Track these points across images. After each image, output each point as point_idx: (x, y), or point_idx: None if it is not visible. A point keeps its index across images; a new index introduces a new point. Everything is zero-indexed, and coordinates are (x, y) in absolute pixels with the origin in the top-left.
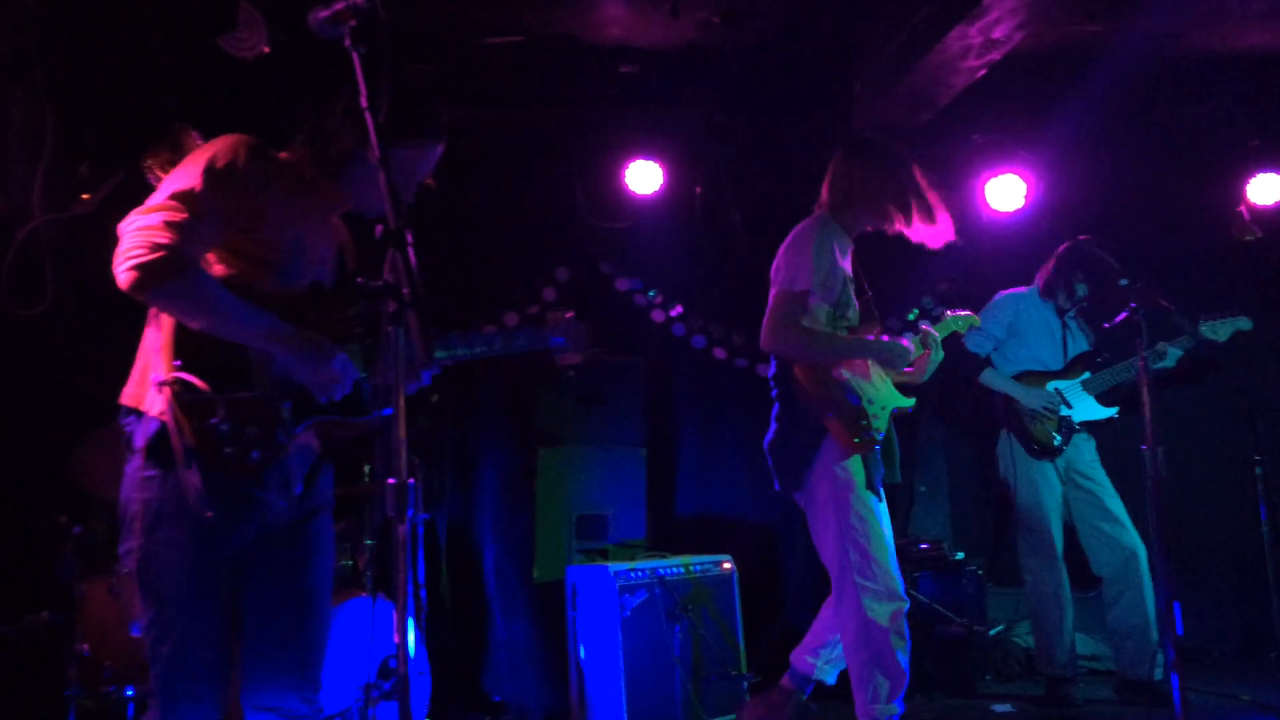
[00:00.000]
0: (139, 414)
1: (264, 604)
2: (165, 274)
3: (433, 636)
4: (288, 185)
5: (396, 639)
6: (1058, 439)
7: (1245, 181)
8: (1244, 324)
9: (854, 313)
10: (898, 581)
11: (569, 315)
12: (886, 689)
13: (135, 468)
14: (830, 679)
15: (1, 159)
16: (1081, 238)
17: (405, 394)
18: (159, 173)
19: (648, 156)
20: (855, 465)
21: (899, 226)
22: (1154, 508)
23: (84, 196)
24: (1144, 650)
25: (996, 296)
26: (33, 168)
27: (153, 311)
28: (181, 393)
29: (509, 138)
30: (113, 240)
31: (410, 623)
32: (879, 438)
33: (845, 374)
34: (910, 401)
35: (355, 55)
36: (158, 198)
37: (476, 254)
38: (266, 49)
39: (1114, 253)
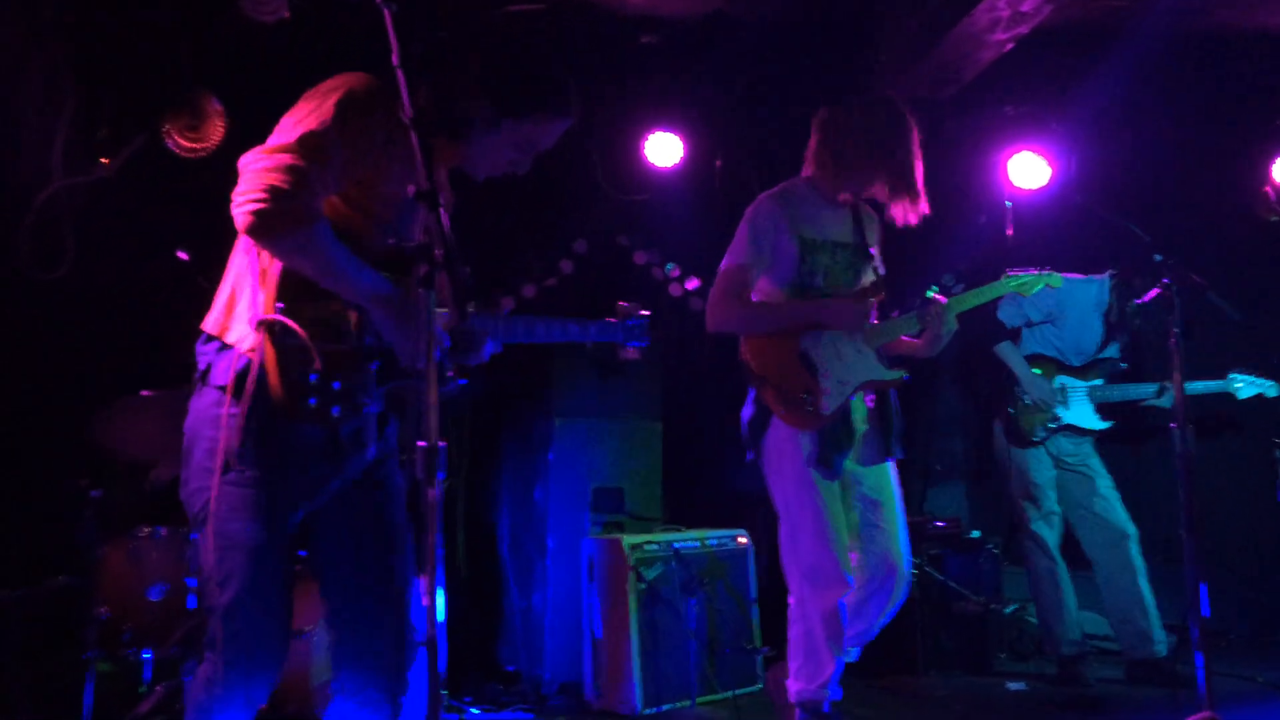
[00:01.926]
0: (223, 346)
1: (344, 546)
2: (285, 225)
3: (448, 606)
4: (398, 136)
5: (425, 603)
6: (1040, 434)
7: (1271, 160)
8: (1270, 389)
9: (829, 280)
10: (834, 561)
11: (643, 312)
12: (810, 672)
13: (209, 402)
14: (852, 656)
15: (21, 124)
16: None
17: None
18: (177, 137)
19: (668, 128)
20: (804, 440)
21: (881, 197)
22: (1183, 486)
23: (103, 161)
24: (1143, 631)
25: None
26: (52, 132)
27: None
28: (281, 335)
29: None
30: (131, 204)
31: (440, 588)
32: (825, 413)
33: (807, 346)
34: (894, 375)
35: (387, 13)
36: (286, 136)
37: (494, 225)
38: (286, 13)
39: (1142, 228)
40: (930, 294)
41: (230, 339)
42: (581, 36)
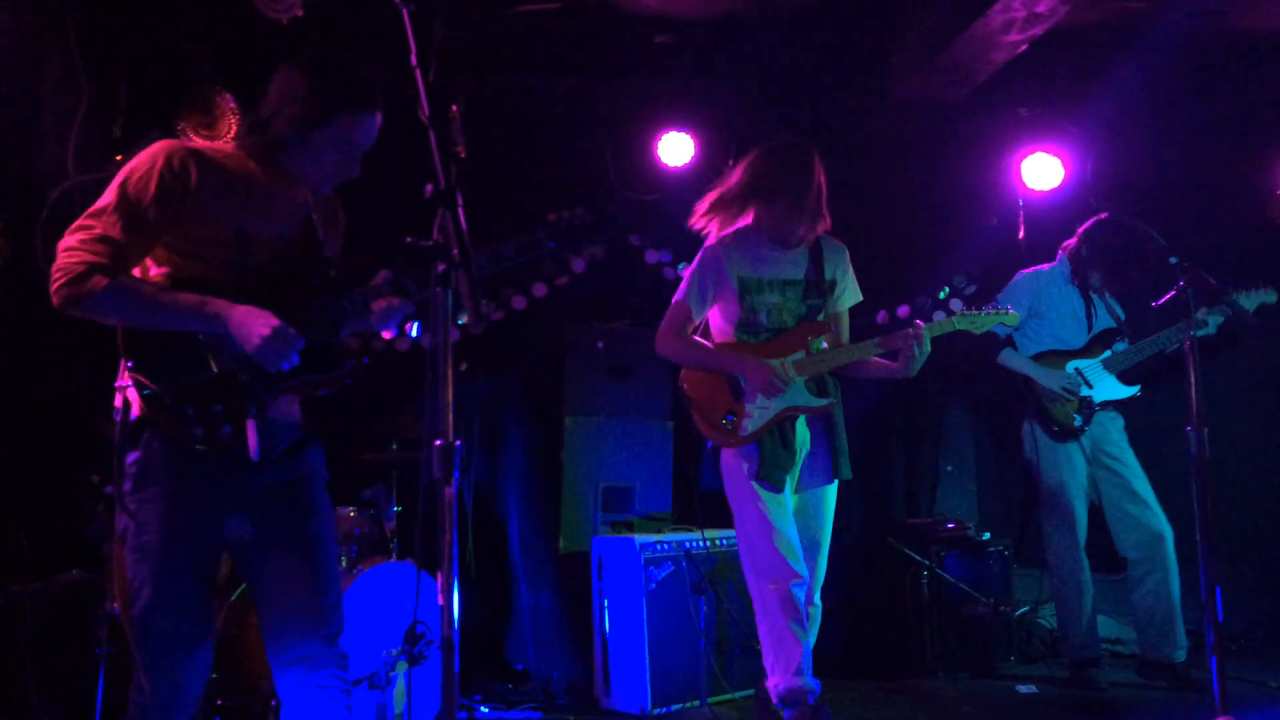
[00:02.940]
0: (121, 411)
1: (268, 560)
2: (84, 289)
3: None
4: (222, 180)
5: (441, 601)
6: (1078, 420)
7: None
8: (1269, 297)
9: (773, 318)
10: (783, 556)
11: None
12: (784, 661)
13: (129, 453)
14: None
15: (35, 120)
16: (1102, 215)
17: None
18: (192, 134)
19: (680, 128)
20: (746, 458)
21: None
22: (1198, 489)
23: (117, 157)
24: (1167, 633)
25: (1016, 276)
26: (67, 129)
27: None
28: (139, 390)
29: (540, 107)
30: None
31: (455, 586)
32: (743, 434)
33: (737, 373)
34: (821, 402)
35: (405, 12)
36: (82, 216)
37: (504, 224)
38: (300, 11)
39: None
40: (943, 295)
41: (119, 404)
42: (595, 36)
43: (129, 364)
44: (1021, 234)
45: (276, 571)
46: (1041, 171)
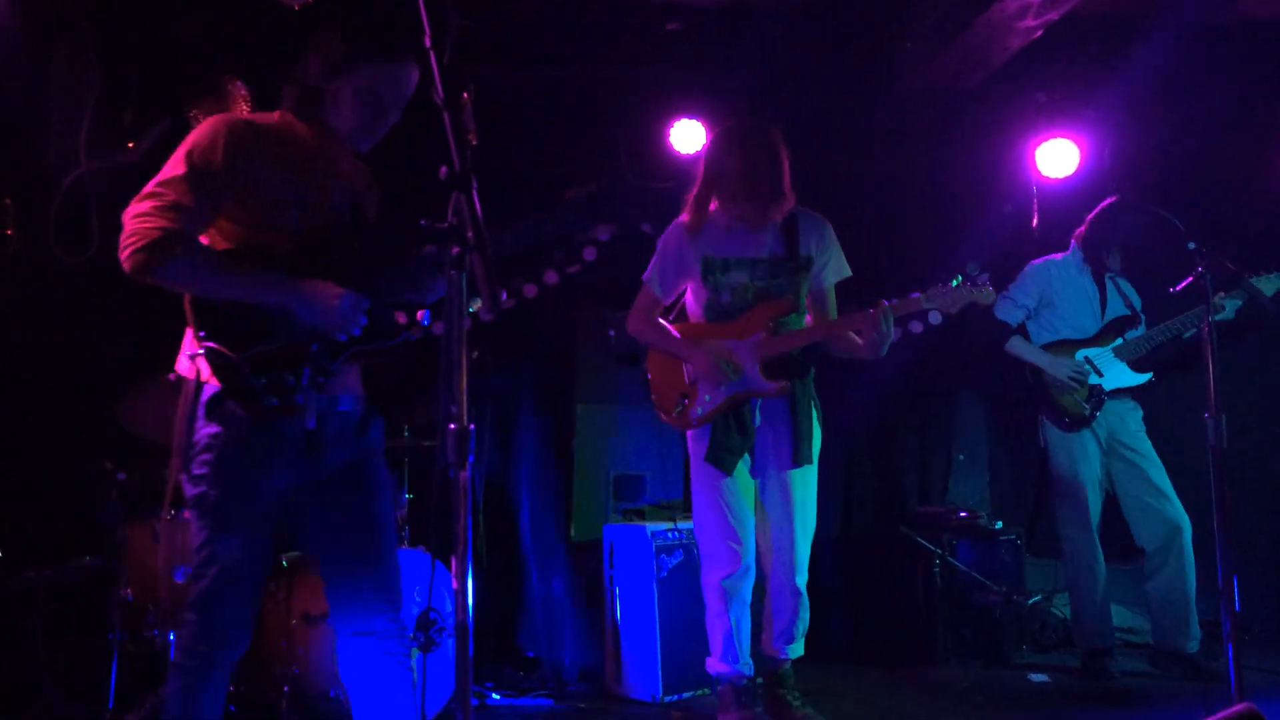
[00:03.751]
0: (192, 381)
1: (334, 538)
2: (160, 256)
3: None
4: (276, 148)
5: (455, 585)
6: (1087, 409)
7: None
8: None
9: (738, 297)
10: (725, 545)
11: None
12: (719, 645)
13: (199, 426)
14: (783, 654)
15: (47, 108)
16: (1111, 199)
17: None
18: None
19: (692, 116)
20: (700, 440)
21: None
22: (1215, 478)
23: (129, 145)
24: (1181, 623)
25: (1027, 266)
26: (78, 116)
27: None
28: (214, 360)
29: (552, 95)
30: None
31: (469, 572)
32: (693, 417)
33: (683, 359)
34: (768, 388)
35: None
36: (150, 185)
37: (517, 213)
38: None
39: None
40: (955, 283)
41: (191, 375)
42: (607, 24)
43: (200, 333)
44: (1035, 221)
45: (345, 548)
46: (1056, 158)
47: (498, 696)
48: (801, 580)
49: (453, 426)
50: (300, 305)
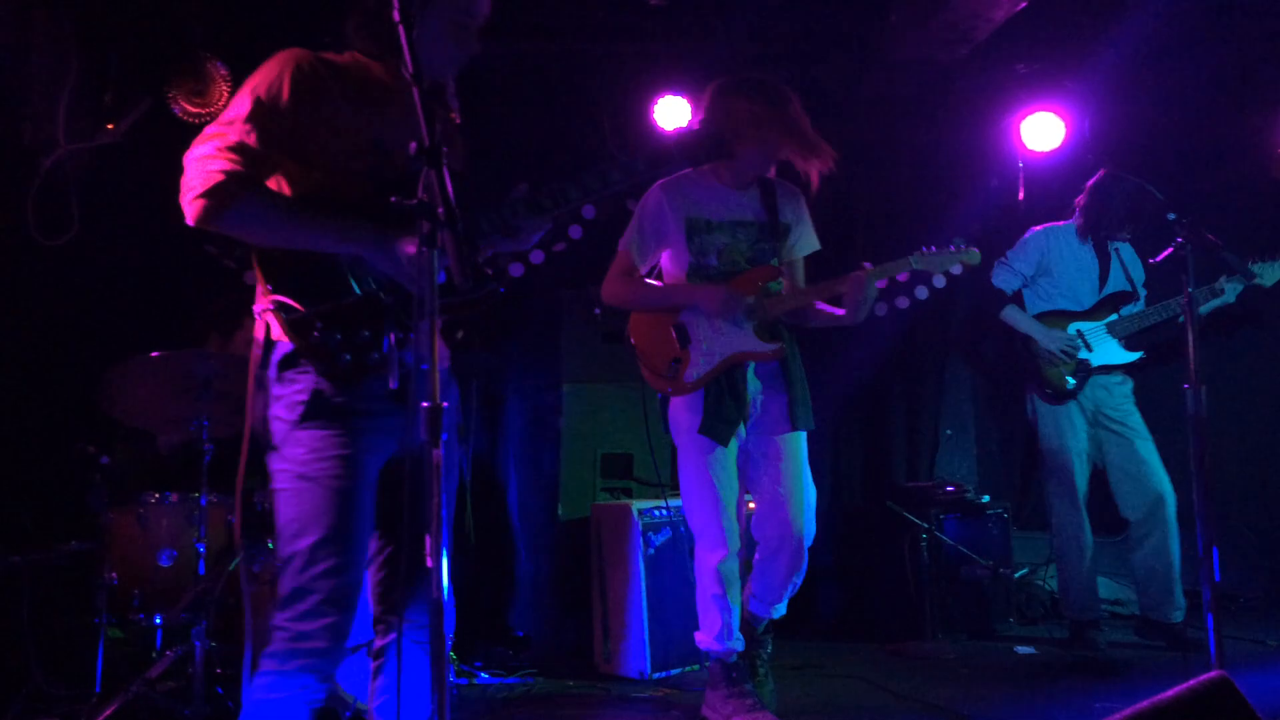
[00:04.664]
0: (263, 341)
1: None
2: (224, 201)
3: (457, 571)
4: (349, 87)
5: (430, 564)
6: (1071, 382)
7: None
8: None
9: (725, 259)
10: (717, 525)
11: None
12: (714, 625)
13: (276, 386)
14: (775, 613)
15: (26, 89)
16: (1101, 171)
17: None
18: (183, 102)
19: (677, 92)
20: (692, 410)
21: (792, 159)
22: (1195, 448)
23: (108, 126)
24: (1166, 593)
25: (1028, 232)
26: (57, 97)
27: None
28: (284, 315)
29: (535, 71)
30: (137, 169)
31: (444, 553)
32: (688, 381)
33: (686, 319)
34: (769, 348)
35: None
36: (212, 125)
37: (501, 190)
38: None
39: (1157, 187)
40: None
41: (262, 335)
42: None
43: (268, 287)
44: (1021, 195)
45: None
46: (1041, 131)
47: (487, 675)
48: (809, 533)
49: (425, 404)
50: (376, 255)
